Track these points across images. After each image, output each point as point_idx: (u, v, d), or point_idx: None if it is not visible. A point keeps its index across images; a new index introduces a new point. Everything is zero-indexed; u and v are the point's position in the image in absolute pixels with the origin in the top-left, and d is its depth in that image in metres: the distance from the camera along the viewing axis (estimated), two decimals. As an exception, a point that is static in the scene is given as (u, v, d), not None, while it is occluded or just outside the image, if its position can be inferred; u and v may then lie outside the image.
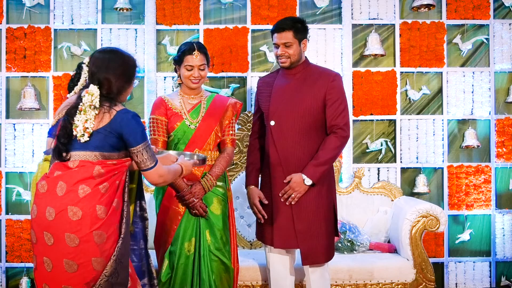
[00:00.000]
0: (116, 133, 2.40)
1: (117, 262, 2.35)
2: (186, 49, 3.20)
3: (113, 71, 2.44)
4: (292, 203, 3.08)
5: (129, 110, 2.45)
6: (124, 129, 2.39)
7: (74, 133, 2.40)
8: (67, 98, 3.03)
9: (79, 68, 2.66)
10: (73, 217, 2.27)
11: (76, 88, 2.97)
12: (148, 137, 3.50)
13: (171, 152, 2.92)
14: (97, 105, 2.39)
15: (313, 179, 3.04)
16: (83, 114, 2.39)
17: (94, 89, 2.40)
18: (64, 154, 2.43)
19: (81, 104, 2.41)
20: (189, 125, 3.22)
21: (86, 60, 2.49)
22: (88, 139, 2.39)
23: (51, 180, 2.38)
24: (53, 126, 2.95)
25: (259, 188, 3.28)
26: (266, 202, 3.17)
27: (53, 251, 2.31)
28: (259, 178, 3.32)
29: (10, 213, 4.56)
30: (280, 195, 3.11)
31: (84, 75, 2.56)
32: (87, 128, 2.38)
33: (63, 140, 2.43)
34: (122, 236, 2.38)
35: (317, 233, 3.09)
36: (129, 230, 2.46)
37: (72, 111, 2.43)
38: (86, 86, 2.48)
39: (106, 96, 2.42)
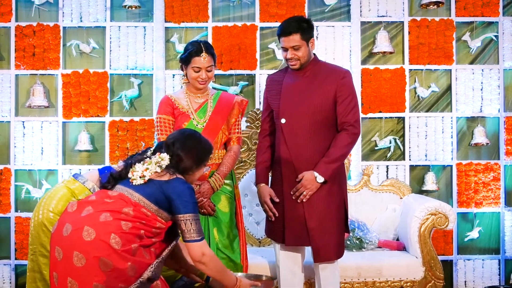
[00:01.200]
0: (166, 193, 2.45)
1: None
2: (193, 50, 3.17)
3: (186, 150, 2.55)
4: (304, 200, 3.07)
5: (188, 183, 2.52)
6: (175, 195, 2.44)
7: (129, 175, 2.49)
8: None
9: (146, 150, 2.74)
10: (86, 237, 2.28)
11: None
12: (156, 137, 3.50)
13: (239, 274, 2.90)
14: (163, 167, 2.49)
15: (325, 177, 3.03)
16: (147, 165, 2.49)
17: (166, 156, 2.52)
18: (109, 186, 2.53)
19: (148, 159, 2.53)
20: (197, 125, 3.21)
21: (153, 148, 2.62)
22: (140, 183, 2.46)
23: (82, 202, 2.45)
24: (109, 168, 2.98)
25: (269, 186, 3.27)
26: (277, 200, 3.16)
27: (60, 266, 2.32)
28: (270, 176, 3.32)
29: (19, 211, 4.58)
30: (291, 193, 3.10)
31: (145, 158, 2.60)
32: (145, 176, 2.46)
33: (116, 175, 2.55)
34: (140, 280, 2.34)
35: (329, 230, 3.08)
36: (149, 283, 2.40)
37: (139, 158, 2.56)
38: (159, 151, 2.58)
39: (173, 166, 2.52)
